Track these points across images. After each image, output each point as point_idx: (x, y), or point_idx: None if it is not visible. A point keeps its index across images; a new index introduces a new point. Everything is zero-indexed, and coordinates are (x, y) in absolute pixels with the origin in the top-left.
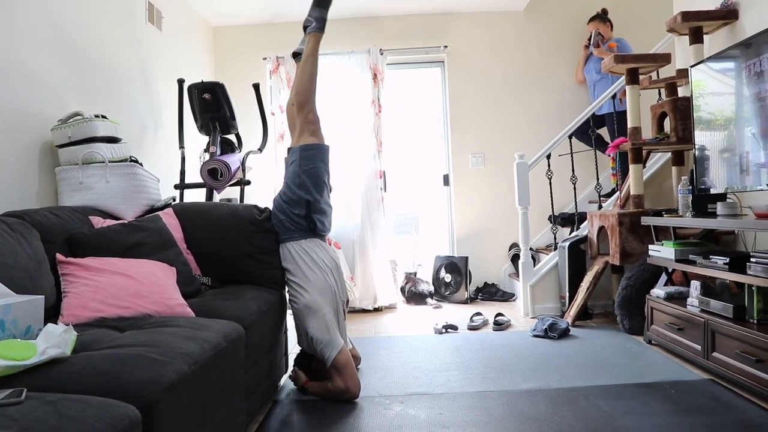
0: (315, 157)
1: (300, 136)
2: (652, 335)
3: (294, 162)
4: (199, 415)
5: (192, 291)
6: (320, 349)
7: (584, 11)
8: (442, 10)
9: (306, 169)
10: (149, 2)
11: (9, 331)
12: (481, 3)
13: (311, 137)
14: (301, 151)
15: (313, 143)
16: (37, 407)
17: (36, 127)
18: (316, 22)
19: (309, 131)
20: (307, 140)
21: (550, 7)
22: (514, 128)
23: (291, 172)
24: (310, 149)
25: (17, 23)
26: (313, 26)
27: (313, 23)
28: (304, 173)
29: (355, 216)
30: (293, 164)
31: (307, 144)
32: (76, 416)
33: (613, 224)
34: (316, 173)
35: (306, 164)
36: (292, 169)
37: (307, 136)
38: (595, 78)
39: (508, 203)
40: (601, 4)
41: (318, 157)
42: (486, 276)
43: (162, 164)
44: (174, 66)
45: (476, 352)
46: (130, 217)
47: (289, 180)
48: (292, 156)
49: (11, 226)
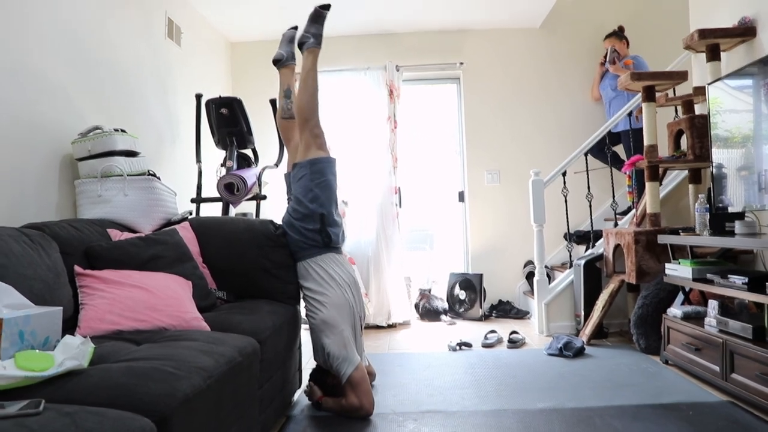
0: (325, 170)
1: (307, 151)
2: (668, 355)
3: (304, 176)
4: (213, 429)
5: (207, 305)
6: (336, 365)
7: (600, 28)
8: (457, 27)
9: (318, 182)
10: (169, 18)
11: (28, 342)
12: (496, 20)
13: (319, 151)
14: (311, 164)
15: (322, 156)
16: (55, 419)
17: (56, 140)
18: (313, 38)
19: (316, 145)
20: (316, 154)
21: (565, 24)
22: (529, 145)
23: (302, 186)
24: (320, 162)
25: (38, 38)
26: (311, 42)
27: (311, 39)
28: (317, 186)
29: (370, 232)
30: (303, 179)
31: (316, 158)
32: (93, 428)
33: (629, 242)
34: (328, 186)
35: (317, 177)
36: (303, 184)
37: (315, 150)
38: (610, 95)
39: (523, 220)
40: (618, 21)
41: (328, 169)
42: (500, 293)
43: (179, 178)
44: (192, 81)
45: (490, 370)
46: (148, 231)
47: (300, 194)
48: (301, 171)
49: (31, 237)
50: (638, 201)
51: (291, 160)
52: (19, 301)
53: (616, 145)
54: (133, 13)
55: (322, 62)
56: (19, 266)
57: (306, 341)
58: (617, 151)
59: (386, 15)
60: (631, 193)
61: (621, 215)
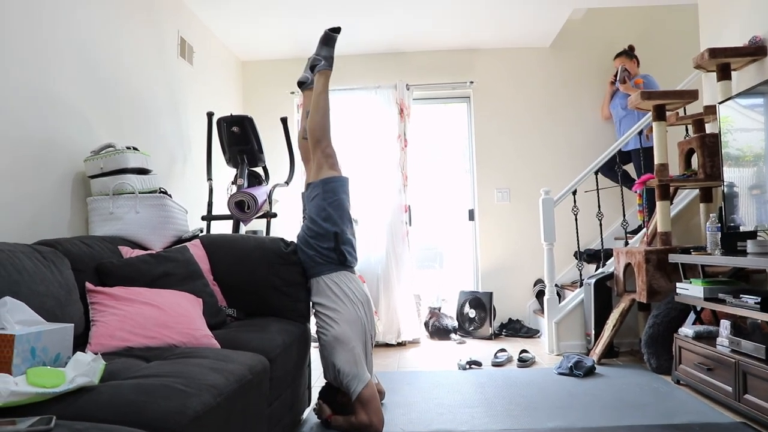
0: (338, 189)
1: (320, 170)
2: (680, 375)
3: (317, 196)
4: None
5: (218, 322)
6: (346, 382)
7: (610, 47)
8: (468, 46)
9: (331, 201)
10: (181, 37)
11: (39, 358)
12: (506, 39)
13: (331, 170)
14: (323, 184)
15: (334, 176)
16: None
17: (69, 158)
18: (324, 61)
19: (328, 165)
20: (328, 173)
21: (575, 44)
22: (539, 164)
23: (315, 206)
24: (332, 182)
25: (53, 58)
26: (322, 65)
27: (322, 62)
28: (330, 206)
29: (380, 250)
30: (316, 198)
31: (328, 177)
32: None
33: (640, 261)
34: (341, 205)
35: (330, 197)
36: (316, 203)
37: (327, 170)
38: (621, 114)
39: (533, 239)
40: (628, 40)
41: (340, 189)
42: (510, 312)
43: (190, 196)
44: (203, 99)
45: (500, 389)
46: (159, 248)
47: (313, 214)
48: (314, 190)
49: (44, 254)
50: (649, 220)
51: (307, 180)
52: (32, 317)
53: (627, 163)
54: (146, 33)
55: (333, 81)
56: (31, 282)
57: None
58: (627, 170)
59: (397, 34)
60: (642, 212)
61: (631, 234)
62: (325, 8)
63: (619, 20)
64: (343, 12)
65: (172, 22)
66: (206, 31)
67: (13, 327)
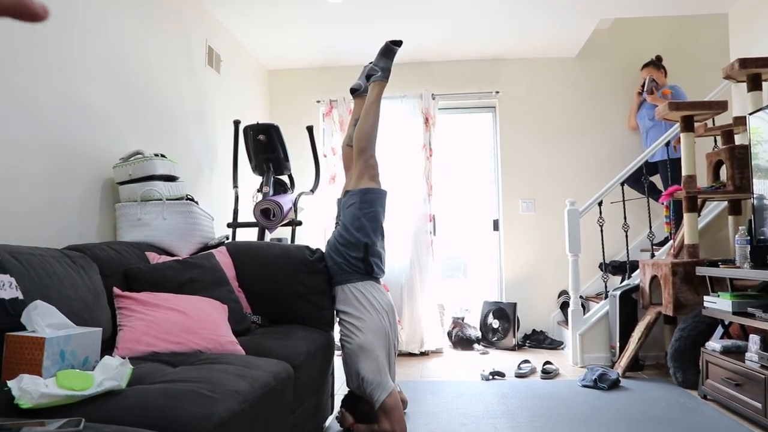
0: (375, 202)
1: (359, 180)
2: (707, 390)
3: (353, 205)
4: None
5: (242, 329)
6: (370, 391)
7: (637, 57)
8: (494, 56)
9: (366, 212)
10: (209, 46)
11: (68, 361)
12: (532, 49)
13: (371, 182)
14: (362, 194)
15: (374, 188)
16: None
17: (98, 165)
18: (381, 72)
19: (369, 176)
20: (368, 184)
21: (602, 54)
22: (564, 174)
23: (350, 214)
24: (371, 193)
25: (82, 65)
26: (378, 75)
27: (379, 73)
28: (364, 216)
29: (404, 259)
30: (352, 207)
31: (368, 188)
32: None
33: (667, 274)
34: (375, 217)
35: (366, 207)
36: (351, 212)
37: (367, 180)
38: (648, 125)
39: (558, 250)
40: (655, 50)
41: (378, 201)
42: (534, 323)
43: (216, 203)
44: (230, 107)
45: (524, 401)
46: (185, 254)
47: (347, 222)
48: (351, 198)
49: (73, 259)
50: (676, 232)
51: (346, 187)
52: (61, 321)
53: (653, 175)
54: (174, 42)
55: None
56: (61, 287)
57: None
58: (654, 181)
59: (423, 44)
60: (669, 223)
61: (658, 246)
62: (352, 18)
63: (647, 30)
64: (370, 22)
65: (200, 31)
66: (233, 40)
67: (43, 330)
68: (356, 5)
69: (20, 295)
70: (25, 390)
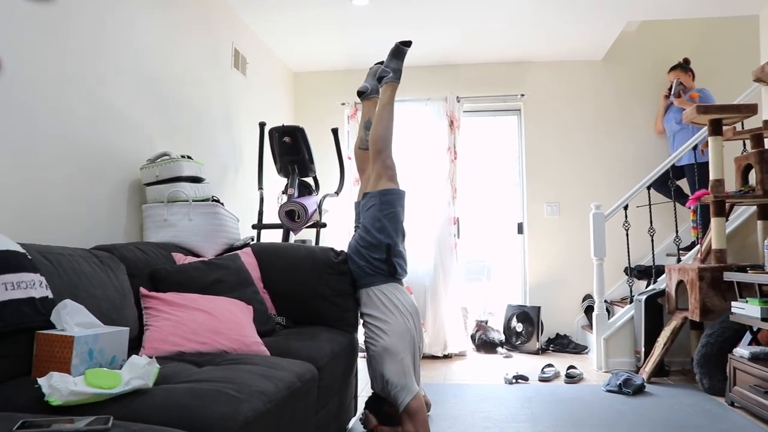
0: (395, 202)
1: (378, 181)
2: (734, 397)
3: (373, 206)
4: None
5: (267, 330)
6: (394, 393)
7: (664, 60)
8: (519, 59)
9: (387, 213)
10: (235, 48)
11: (96, 360)
12: (558, 52)
13: (390, 182)
14: (381, 195)
15: (392, 188)
16: None
17: (126, 166)
18: (393, 73)
19: (387, 177)
20: (386, 185)
21: (629, 57)
22: (590, 178)
23: (370, 216)
24: (390, 194)
25: (111, 70)
26: (390, 77)
27: (390, 74)
28: (385, 217)
29: (428, 262)
30: (372, 209)
31: (387, 189)
32: None
33: (693, 279)
34: (396, 217)
35: (386, 208)
36: (371, 214)
37: (386, 181)
38: (675, 128)
39: (583, 253)
40: (683, 53)
41: (397, 202)
42: (558, 327)
43: (241, 204)
44: (256, 109)
45: (547, 405)
46: (210, 255)
47: (368, 224)
48: (370, 200)
49: (101, 259)
50: (703, 237)
51: (362, 190)
52: (89, 320)
53: (680, 179)
54: (201, 45)
55: None
56: (89, 286)
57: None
58: (681, 186)
59: (448, 46)
60: (696, 228)
61: (684, 251)
62: (377, 21)
63: (674, 32)
64: (395, 24)
65: (226, 34)
66: (259, 42)
67: (72, 329)
68: (381, 8)
69: (50, 294)
70: (55, 387)
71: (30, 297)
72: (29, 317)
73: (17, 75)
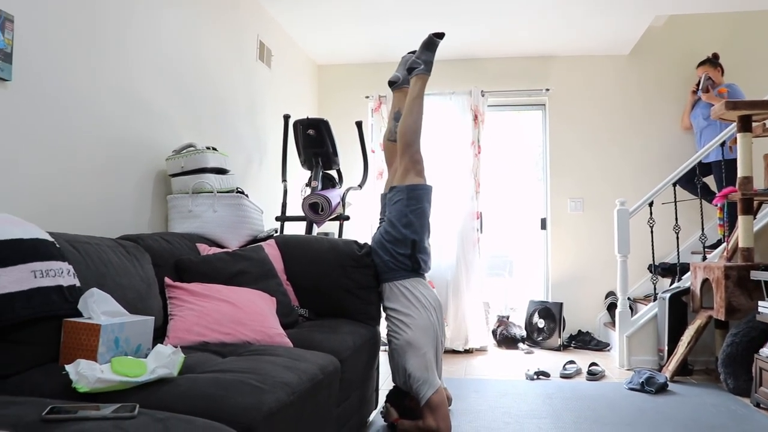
0: (422, 198)
1: (405, 176)
2: (760, 398)
3: (400, 201)
4: None
5: (290, 322)
6: (416, 387)
7: (693, 55)
8: (544, 53)
9: (414, 209)
10: (261, 41)
11: (122, 348)
12: (584, 47)
13: (417, 177)
14: (409, 190)
15: (420, 184)
16: (149, 424)
17: (151, 157)
18: (424, 65)
19: (415, 171)
20: (414, 180)
21: (656, 51)
22: (614, 174)
23: (397, 210)
24: (418, 189)
25: (138, 62)
26: (421, 69)
27: (422, 66)
28: (412, 213)
29: (451, 256)
30: (399, 203)
31: (415, 184)
32: None
33: (719, 277)
34: (423, 213)
35: (414, 204)
36: (398, 208)
37: (414, 176)
38: (702, 124)
39: (606, 250)
40: (712, 48)
41: (425, 197)
42: (580, 323)
43: (264, 196)
44: (280, 102)
45: (569, 402)
46: (234, 246)
47: (394, 219)
48: (398, 195)
49: (127, 248)
50: (729, 235)
51: (389, 183)
52: (115, 308)
53: (707, 176)
54: (227, 37)
55: None
56: (116, 275)
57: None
58: (707, 183)
59: (472, 40)
60: (722, 226)
61: (710, 249)
62: (402, 14)
63: (703, 27)
64: (420, 18)
65: (252, 26)
66: (284, 35)
67: (99, 317)
68: (407, 1)
69: (77, 283)
70: (82, 374)
71: (58, 285)
72: (57, 305)
73: (46, 68)
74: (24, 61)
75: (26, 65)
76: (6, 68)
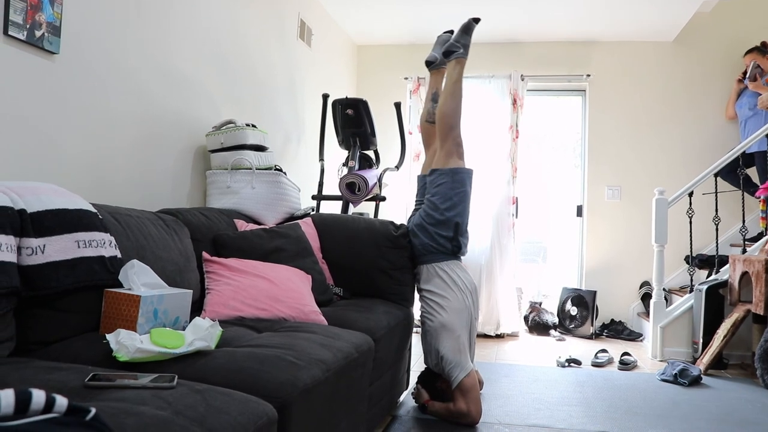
0: (465, 181)
1: (448, 159)
2: None
3: (443, 184)
4: (326, 420)
5: (325, 300)
6: (449, 370)
7: (740, 43)
8: (585, 38)
9: (458, 191)
10: (301, 19)
11: (160, 319)
12: (627, 32)
13: (460, 161)
14: (453, 173)
15: (463, 167)
16: (188, 394)
17: (192, 132)
18: (463, 49)
19: (457, 154)
20: (457, 163)
21: (702, 38)
22: (653, 162)
23: (440, 193)
24: (461, 173)
25: (180, 39)
26: (460, 52)
27: (460, 49)
28: (456, 196)
29: (485, 240)
30: (443, 186)
31: (458, 167)
32: (222, 407)
33: (759, 271)
34: (466, 197)
35: (458, 187)
36: (442, 191)
37: (456, 160)
38: (747, 114)
39: (642, 239)
40: (761, 36)
41: (467, 181)
42: (613, 312)
43: (301, 174)
44: (319, 81)
45: (600, 391)
46: (271, 223)
47: (438, 201)
48: (441, 178)
49: (166, 222)
50: None
51: (428, 165)
52: (155, 280)
53: (750, 167)
54: (267, 14)
55: None
56: (155, 248)
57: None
58: (750, 174)
59: (512, 24)
60: (765, 218)
61: (750, 242)
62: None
63: (753, 14)
64: (460, 1)
65: (293, 4)
66: (324, 14)
67: (139, 288)
68: None
69: (118, 254)
70: (122, 344)
71: (100, 255)
72: (99, 275)
73: (92, 43)
74: (71, 35)
75: (73, 39)
76: (55, 41)
